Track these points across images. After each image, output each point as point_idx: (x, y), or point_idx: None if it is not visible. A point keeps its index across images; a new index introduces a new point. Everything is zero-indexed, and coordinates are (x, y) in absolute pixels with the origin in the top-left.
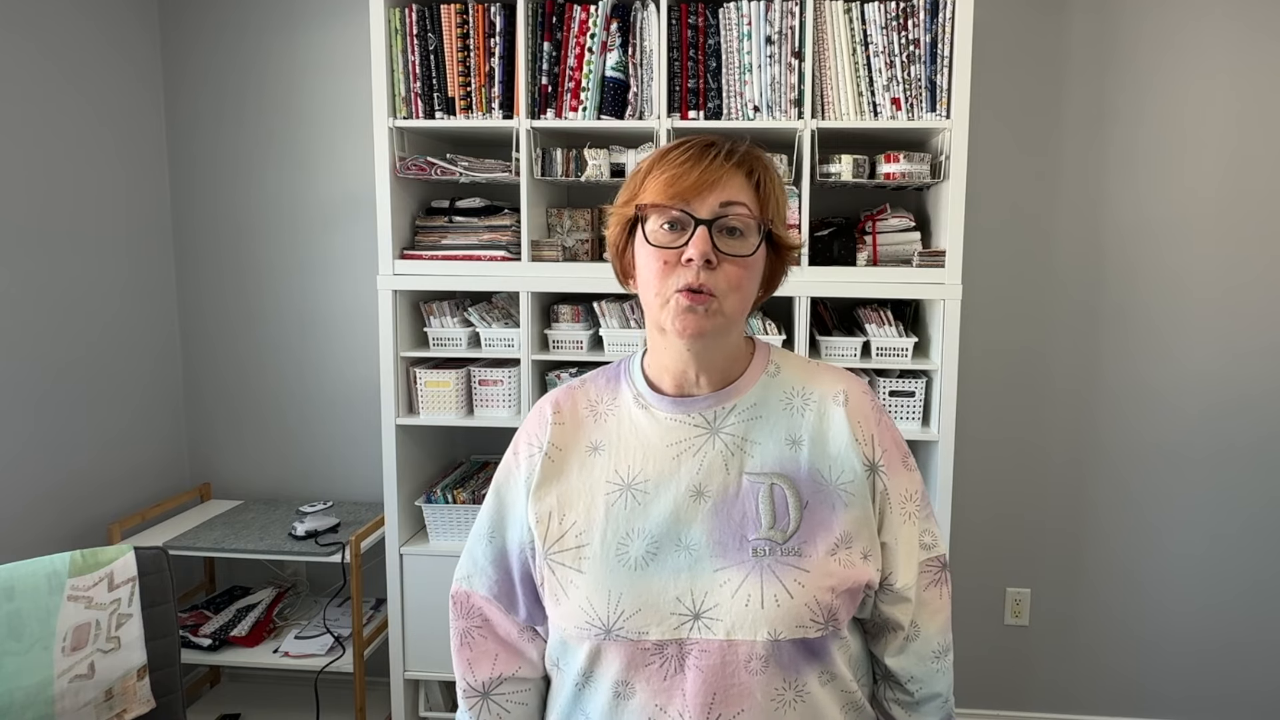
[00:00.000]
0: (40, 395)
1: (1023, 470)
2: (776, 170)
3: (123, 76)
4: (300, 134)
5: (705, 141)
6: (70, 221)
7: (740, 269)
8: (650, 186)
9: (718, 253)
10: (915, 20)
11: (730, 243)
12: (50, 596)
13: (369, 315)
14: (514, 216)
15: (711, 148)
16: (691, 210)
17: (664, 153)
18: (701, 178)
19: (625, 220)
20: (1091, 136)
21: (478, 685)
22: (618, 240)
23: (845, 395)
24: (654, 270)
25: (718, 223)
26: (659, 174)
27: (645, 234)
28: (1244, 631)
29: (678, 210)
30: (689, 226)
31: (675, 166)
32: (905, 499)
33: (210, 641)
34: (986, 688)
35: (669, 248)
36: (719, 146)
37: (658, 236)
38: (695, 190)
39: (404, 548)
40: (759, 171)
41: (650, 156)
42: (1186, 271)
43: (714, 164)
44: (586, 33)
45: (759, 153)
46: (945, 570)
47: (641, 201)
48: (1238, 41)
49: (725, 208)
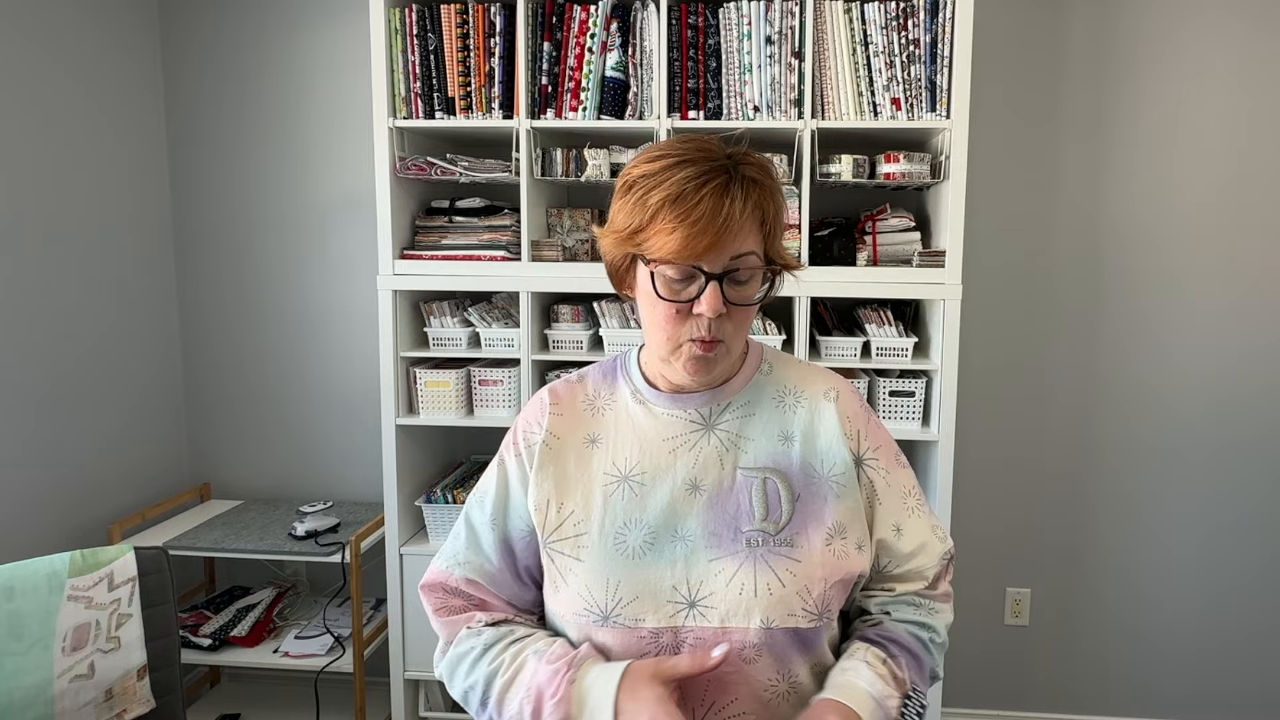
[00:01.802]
0: (40, 395)
1: (1022, 470)
2: (779, 189)
3: (123, 77)
4: (300, 134)
5: (716, 179)
6: (71, 222)
7: (746, 312)
8: (659, 239)
9: (727, 304)
10: (915, 20)
11: (738, 291)
12: (50, 596)
13: (369, 315)
14: (514, 216)
15: (725, 194)
16: (703, 266)
17: (673, 196)
18: (716, 238)
19: (625, 250)
20: (1091, 136)
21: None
22: (617, 262)
23: (836, 393)
24: (663, 316)
25: (729, 276)
26: (669, 226)
27: (655, 285)
28: (1243, 631)
29: (690, 266)
30: (699, 280)
31: (689, 226)
32: (906, 493)
33: (210, 641)
34: (986, 688)
35: (679, 300)
36: (730, 191)
37: (668, 289)
38: (708, 250)
39: (404, 548)
40: (767, 210)
41: (656, 185)
42: (1187, 271)
43: (729, 221)
44: (586, 33)
45: (767, 183)
46: (951, 563)
47: (651, 255)
48: (1238, 39)
49: (736, 260)
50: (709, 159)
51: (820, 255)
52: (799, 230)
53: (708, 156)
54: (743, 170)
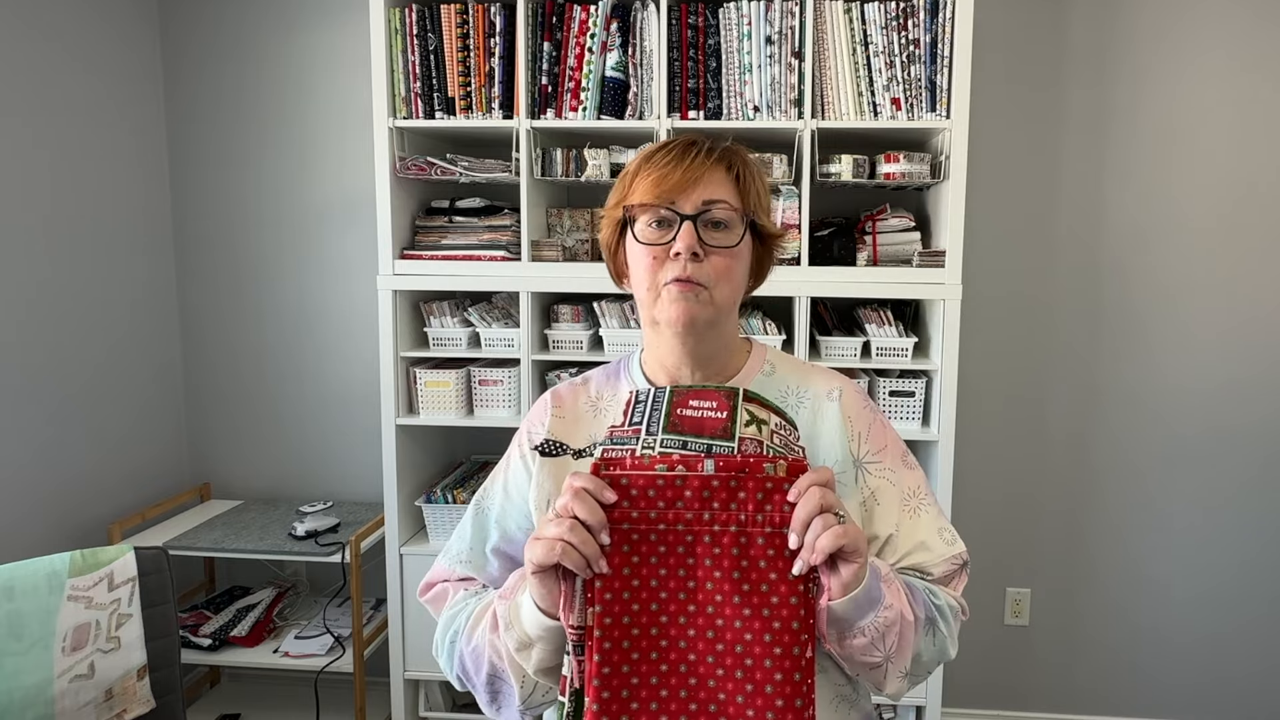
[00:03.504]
0: (40, 395)
1: (1022, 470)
2: (756, 165)
3: (124, 77)
4: (300, 134)
5: (687, 141)
6: (70, 223)
7: (727, 259)
8: (637, 187)
9: (704, 245)
10: (915, 20)
11: (716, 235)
12: (50, 596)
13: (369, 315)
14: (514, 216)
15: (693, 146)
16: (677, 207)
17: (648, 155)
18: (685, 175)
19: (616, 222)
20: (1092, 135)
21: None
22: (610, 241)
23: (840, 392)
24: (644, 265)
25: (702, 217)
26: (645, 176)
27: (634, 233)
28: (1243, 630)
29: (664, 208)
30: (675, 223)
31: (659, 168)
32: (909, 495)
33: (210, 641)
34: (986, 688)
35: (657, 244)
36: (700, 145)
37: (646, 234)
38: (679, 188)
39: (404, 548)
40: (738, 165)
41: (635, 159)
42: (1187, 271)
43: (695, 162)
44: (586, 33)
45: (738, 148)
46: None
47: (629, 202)
48: (1239, 33)
49: (709, 204)
50: (687, 140)
51: (820, 255)
52: (799, 230)
53: (686, 139)
54: (717, 143)
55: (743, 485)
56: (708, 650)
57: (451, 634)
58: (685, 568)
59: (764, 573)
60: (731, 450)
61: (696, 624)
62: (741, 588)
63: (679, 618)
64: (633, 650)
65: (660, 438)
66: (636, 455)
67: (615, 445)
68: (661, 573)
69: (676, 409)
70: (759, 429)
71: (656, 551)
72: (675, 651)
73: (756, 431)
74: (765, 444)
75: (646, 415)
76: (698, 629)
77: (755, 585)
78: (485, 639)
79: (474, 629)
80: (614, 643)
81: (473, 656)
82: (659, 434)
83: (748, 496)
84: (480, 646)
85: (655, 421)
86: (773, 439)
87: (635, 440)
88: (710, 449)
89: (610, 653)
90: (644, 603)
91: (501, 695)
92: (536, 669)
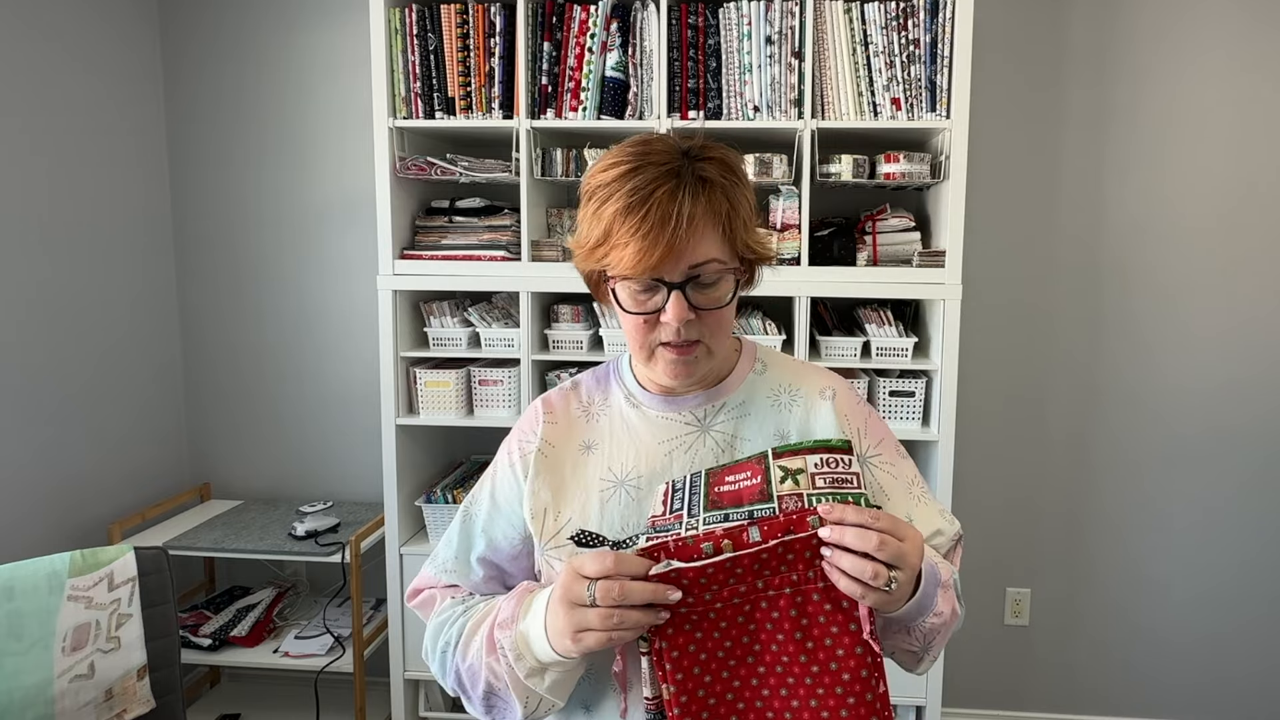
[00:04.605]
0: (40, 396)
1: (1022, 470)
2: (739, 178)
3: (123, 78)
4: (300, 134)
5: (664, 186)
6: (70, 223)
7: (719, 313)
8: (616, 255)
9: (694, 309)
10: (915, 20)
11: (706, 295)
12: (50, 596)
13: (369, 315)
14: (514, 216)
15: (672, 198)
16: (662, 277)
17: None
18: (668, 249)
19: (590, 266)
20: (1091, 135)
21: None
22: (590, 274)
23: (833, 391)
24: (634, 325)
25: (691, 283)
26: (624, 240)
27: (618, 300)
28: (1244, 631)
29: (650, 279)
30: (661, 288)
31: (640, 239)
32: (911, 483)
33: (210, 641)
34: (986, 688)
35: (645, 312)
36: (678, 193)
37: (632, 303)
38: (663, 262)
39: (404, 548)
40: (722, 209)
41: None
42: (1187, 271)
43: (679, 232)
44: (586, 33)
45: (722, 179)
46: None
47: (610, 272)
48: (1239, 33)
49: (696, 268)
50: (661, 162)
51: (820, 255)
52: (799, 230)
53: (660, 160)
54: (696, 169)
55: (790, 548)
56: (784, 708)
57: (443, 644)
58: (749, 634)
59: (825, 628)
60: (773, 511)
61: (769, 684)
62: (805, 646)
63: (751, 680)
64: (713, 718)
65: (702, 517)
66: (681, 537)
67: (658, 534)
68: (727, 644)
69: (714, 488)
70: (795, 481)
71: (718, 626)
72: (754, 712)
73: (794, 485)
74: (805, 494)
75: (686, 500)
76: (771, 688)
77: (819, 641)
78: (481, 660)
79: (468, 646)
80: (694, 717)
81: (469, 674)
82: (700, 514)
83: (796, 558)
84: (476, 666)
85: (695, 504)
86: (814, 483)
87: (679, 525)
88: (752, 514)
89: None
90: (715, 673)
91: (497, 710)
92: (549, 689)
